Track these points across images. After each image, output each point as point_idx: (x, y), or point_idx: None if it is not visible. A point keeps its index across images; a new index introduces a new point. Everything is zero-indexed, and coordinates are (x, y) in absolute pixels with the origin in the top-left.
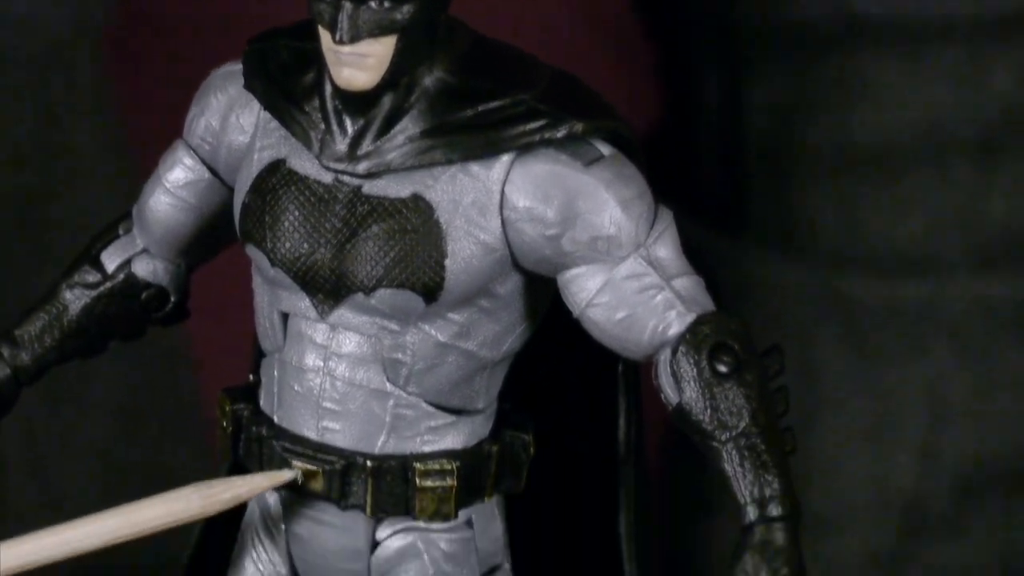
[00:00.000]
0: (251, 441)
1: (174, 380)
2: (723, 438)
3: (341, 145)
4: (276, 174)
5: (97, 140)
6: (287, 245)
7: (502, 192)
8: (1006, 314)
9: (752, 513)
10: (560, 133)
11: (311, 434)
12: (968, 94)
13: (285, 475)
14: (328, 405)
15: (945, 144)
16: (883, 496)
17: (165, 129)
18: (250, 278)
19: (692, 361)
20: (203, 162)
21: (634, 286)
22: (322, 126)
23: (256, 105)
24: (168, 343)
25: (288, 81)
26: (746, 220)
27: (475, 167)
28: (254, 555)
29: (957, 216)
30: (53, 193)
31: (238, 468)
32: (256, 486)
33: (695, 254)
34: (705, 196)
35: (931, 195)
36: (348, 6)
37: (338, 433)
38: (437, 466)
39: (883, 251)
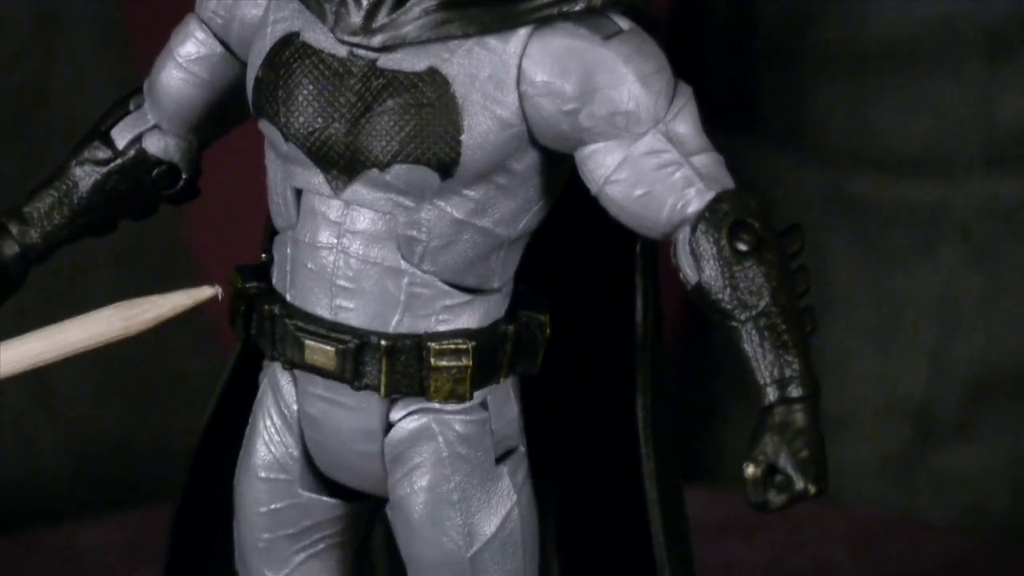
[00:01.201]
0: (263, 320)
1: (174, 285)
2: (743, 317)
3: (356, 18)
4: (290, 47)
5: (96, 40)
6: (301, 120)
7: (519, 66)
8: (1017, 215)
9: (772, 394)
10: (578, 7)
11: (324, 313)
12: None
13: (205, 291)
14: (342, 283)
15: (956, 43)
16: (892, 399)
17: (166, 26)
18: (256, 186)
19: (712, 239)
20: (215, 36)
21: (653, 163)
22: None
23: None
24: (167, 247)
25: None
26: (756, 120)
27: (492, 40)
28: (265, 437)
29: (968, 116)
30: (50, 95)
31: (251, 348)
32: (177, 304)
33: None
34: (715, 96)
35: (942, 94)
36: None
37: (352, 312)
38: (452, 346)
39: (893, 151)
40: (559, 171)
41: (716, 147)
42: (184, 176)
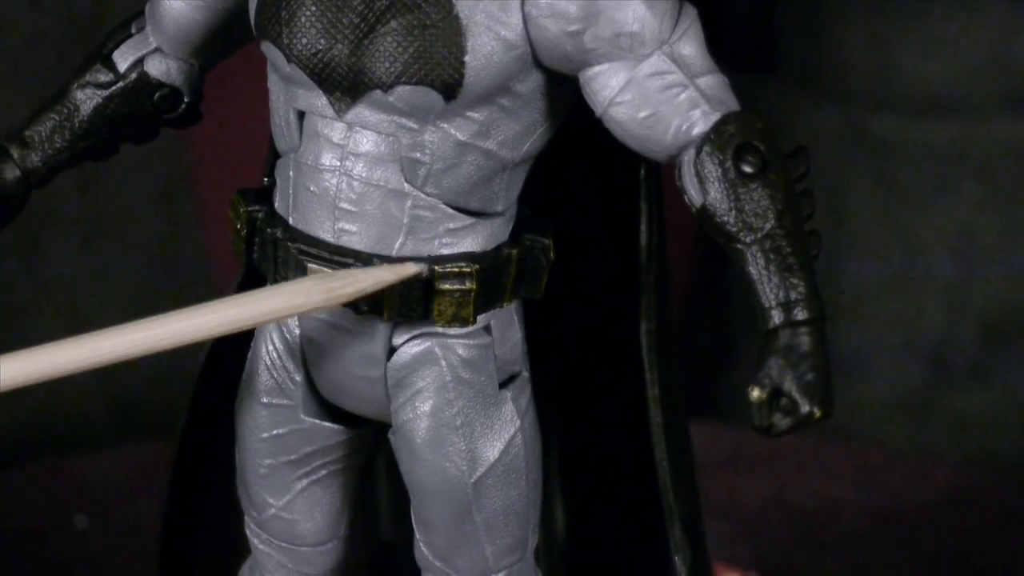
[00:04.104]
0: (266, 244)
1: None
2: (748, 240)
3: None
4: None
5: None
6: (304, 41)
7: None
8: None
9: (777, 317)
10: None
11: (327, 236)
12: None
13: (409, 268)
14: (344, 206)
15: None
16: (910, 340)
17: None
18: (263, 144)
19: (717, 161)
20: None
21: (657, 84)
22: None
23: None
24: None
25: None
26: (777, 60)
27: None
28: (268, 362)
29: (988, 57)
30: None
31: (252, 271)
32: (380, 279)
33: None
34: (736, 36)
35: (963, 35)
36: None
37: (355, 235)
38: (455, 269)
39: (913, 91)
40: (563, 94)
41: (736, 88)
42: (186, 99)
